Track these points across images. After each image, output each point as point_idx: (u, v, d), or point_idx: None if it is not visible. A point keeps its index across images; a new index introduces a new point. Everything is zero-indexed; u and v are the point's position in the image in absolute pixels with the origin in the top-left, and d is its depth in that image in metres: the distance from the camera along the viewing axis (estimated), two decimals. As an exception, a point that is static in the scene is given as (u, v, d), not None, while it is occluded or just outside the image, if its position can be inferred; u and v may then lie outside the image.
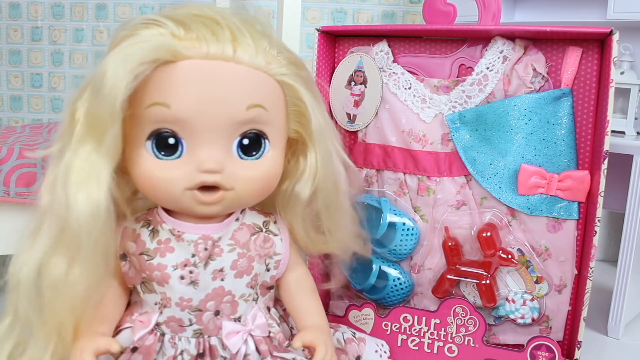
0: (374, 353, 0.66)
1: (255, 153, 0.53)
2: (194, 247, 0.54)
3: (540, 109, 0.68)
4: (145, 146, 0.51)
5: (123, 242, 0.55)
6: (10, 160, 0.77)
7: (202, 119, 0.50)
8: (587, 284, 0.65)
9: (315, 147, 0.56)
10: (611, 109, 0.62)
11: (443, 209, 0.73)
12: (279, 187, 0.58)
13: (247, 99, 0.51)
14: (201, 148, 0.50)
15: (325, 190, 0.57)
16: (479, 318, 0.68)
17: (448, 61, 0.74)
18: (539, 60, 0.68)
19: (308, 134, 0.56)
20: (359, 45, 0.78)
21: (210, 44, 0.49)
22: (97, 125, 0.47)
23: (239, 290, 0.56)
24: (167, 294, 0.54)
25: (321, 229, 0.60)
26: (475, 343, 0.68)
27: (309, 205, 0.58)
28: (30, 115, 1.36)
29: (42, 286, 0.50)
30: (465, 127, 0.71)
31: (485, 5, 0.70)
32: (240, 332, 0.55)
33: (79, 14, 1.31)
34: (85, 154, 0.48)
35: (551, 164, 0.68)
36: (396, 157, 0.75)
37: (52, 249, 0.49)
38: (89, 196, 0.47)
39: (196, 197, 0.51)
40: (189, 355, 0.54)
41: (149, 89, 0.48)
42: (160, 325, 0.55)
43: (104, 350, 0.51)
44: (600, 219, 0.64)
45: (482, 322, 0.68)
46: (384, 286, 0.75)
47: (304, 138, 0.57)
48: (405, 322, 0.71)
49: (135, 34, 0.49)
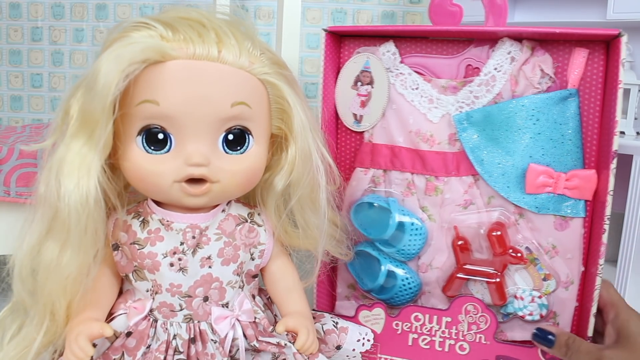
0: (356, 342, 0.67)
1: (239, 148, 0.57)
2: (183, 236, 0.57)
3: (547, 109, 0.69)
4: (135, 141, 0.54)
5: (115, 232, 0.59)
6: (10, 160, 0.77)
7: (189, 116, 0.53)
8: (597, 280, 0.66)
9: (295, 143, 0.59)
10: (620, 110, 0.63)
11: (450, 209, 0.74)
12: (261, 178, 0.61)
13: (232, 97, 0.54)
14: (189, 143, 0.54)
15: (301, 185, 0.60)
16: (490, 315, 0.69)
17: (455, 62, 0.75)
18: (546, 61, 0.69)
19: (290, 130, 0.59)
20: (365, 45, 0.78)
21: (197, 45, 0.53)
22: (90, 121, 0.50)
23: (226, 277, 0.59)
24: (157, 280, 0.57)
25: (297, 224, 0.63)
26: (487, 340, 0.69)
27: (282, 196, 0.61)
28: (30, 115, 1.36)
29: (36, 269, 0.54)
30: (473, 127, 0.72)
31: (492, 6, 0.70)
32: (228, 317, 0.59)
33: (79, 14, 1.30)
34: (78, 148, 0.51)
35: (558, 163, 0.69)
36: (404, 158, 0.75)
37: (45, 234, 0.54)
38: (79, 185, 0.51)
39: (184, 189, 0.55)
40: (182, 339, 0.58)
41: (139, 87, 0.52)
42: (153, 312, 0.58)
43: (97, 334, 0.54)
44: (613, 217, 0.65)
45: (493, 320, 0.69)
46: (392, 286, 0.76)
47: (286, 134, 0.60)
48: (416, 321, 0.72)
49: (126, 35, 0.53)
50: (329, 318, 0.69)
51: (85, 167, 0.51)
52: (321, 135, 0.62)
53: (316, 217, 0.62)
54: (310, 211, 0.62)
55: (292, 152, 0.59)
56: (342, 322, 0.68)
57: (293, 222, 0.63)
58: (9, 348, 0.56)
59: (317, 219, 0.62)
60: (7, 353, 0.56)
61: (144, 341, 0.57)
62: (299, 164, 0.59)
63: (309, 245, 0.64)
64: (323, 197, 0.61)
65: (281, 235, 0.63)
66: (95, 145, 0.51)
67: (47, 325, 0.55)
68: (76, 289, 0.54)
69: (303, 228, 0.63)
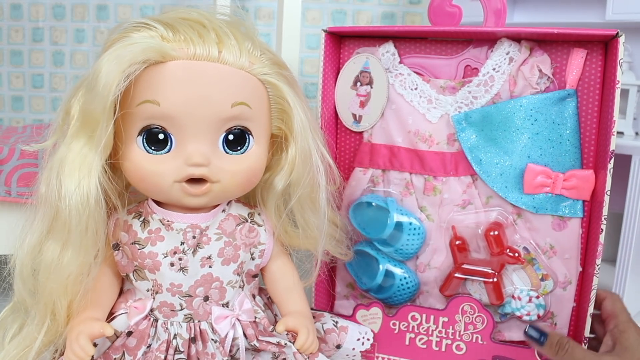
0: (356, 341, 0.68)
1: (240, 148, 0.57)
2: (183, 236, 0.57)
3: (545, 110, 0.69)
4: (136, 141, 0.54)
5: (116, 232, 0.59)
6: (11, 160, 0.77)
7: (190, 116, 0.53)
8: (594, 280, 0.66)
9: (295, 143, 0.59)
10: (617, 110, 0.63)
11: (449, 209, 0.74)
12: (261, 178, 0.61)
13: (232, 97, 0.54)
14: (189, 143, 0.54)
15: (301, 185, 0.60)
16: (487, 315, 0.69)
17: (454, 62, 0.75)
18: (544, 62, 0.69)
19: (290, 131, 0.60)
20: (364, 46, 0.78)
21: (197, 46, 0.53)
22: (90, 121, 0.51)
23: (227, 277, 0.60)
24: (158, 280, 0.58)
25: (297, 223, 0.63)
26: (484, 340, 0.69)
27: (282, 196, 0.61)
28: (31, 116, 1.36)
29: (37, 268, 0.54)
30: (472, 128, 0.72)
31: (491, 7, 0.71)
32: (229, 317, 0.59)
33: (80, 14, 1.31)
34: (78, 148, 0.52)
35: (556, 163, 0.69)
36: (402, 158, 0.75)
37: (46, 234, 0.54)
38: (80, 185, 0.51)
39: (184, 189, 0.55)
40: (182, 339, 0.58)
41: (140, 87, 0.52)
42: (153, 311, 0.59)
43: (98, 334, 0.54)
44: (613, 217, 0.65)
45: (490, 320, 0.69)
46: (390, 285, 0.76)
47: (287, 134, 0.60)
48: (413, 320, 0.72)
49: (126, 36, 0.53)
50: (329, 317, 0.69)
51: (86, 167, 0.51)
52: (321, 136, 0.62)
53: (316, 217, 0.62)
54: (310, 211, 0.62)
55: (292, 152, 0.59)
56: (342, 322, 0.69)
57: (293, 222, 0.63)
58: (10, 347, 0.56)
59: (317, 219, 0.62)
60: (8, 352, 0.56)
61: (144, 341, 0.57)
62: (299, 164, 0.59)
63: (309, 245, 0.65)
64: (323, 197, 0.61)
65: (281, 235, 0.63)
66: (96, 146, 0.51)
67: (48, 325, 0.55)
68: (77, 289, 0.54)
69: (303, 228, 0.63)
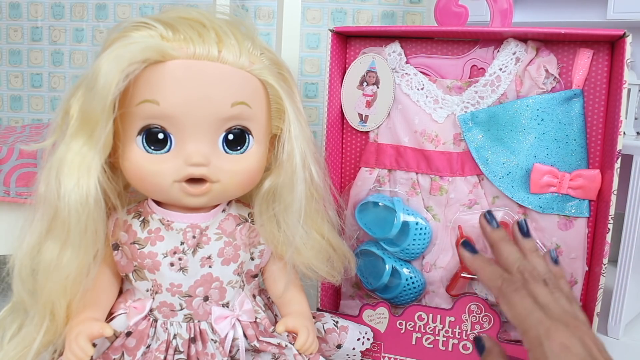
0: (356, 341, 0.68)
1: (239, 148, 0.57)
2: (183, 235, 0.57)
3: (552, 110, 0.69)
4: (136, 141, 0.54)
5: (115, 232, 0.59)
6: (10, 160, 0.76)
7: (190, 116, 0.53)
8: (601, 279, 0.66)
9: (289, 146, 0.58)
10: (624, 110, 0.64)
11: (455, 208, 0.74)
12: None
13: (232, 96, 0.54)
14: (189, 143, 0.54)
15: (286, 189, 0.59)
16: (494, 315, 0.69)
17: (460, 62, 0.75)
18: (551, 62, 0.70)
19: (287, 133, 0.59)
20: (370, 46, 0.78)
21: (197, 45, 0.52)
22: (90, 120, 0.50)
23: (227, 277, 0.59)
24: (157, 280, 0.58)
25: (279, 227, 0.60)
26: (492, 340, 0.69)
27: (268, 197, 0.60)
28: (30, 115, 1.35)
29: (36, 269, 0.54)
30: (478, 128, 0.72)
31: (497, 7, 0.71)
32: (229, 317, 0.59)
33: (79, 14, 1.30)
34: (78, 147, 0.51)
35: (563, 163, 0.70)
36: (409, 157, 0.75)
37: (45, 234, 0.54)
38: (79, 185, 0.51)
39: (184, 189, 0.55)
40: (182, 339, 0.58)
41: (140, 87, 0.52)
42: (153, 311, 0.59)
43: (97, 334, 0.54)
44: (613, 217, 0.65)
45: (497, 319, 0.69)
46: (396, 285, 0.76)
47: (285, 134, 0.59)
48: (419, 320, 0.72)
49: (126, 35, 0.53)
50: (329, 317, 0.69)
51: (85, 167, 0.51)
52: (313, 140, 0.61)
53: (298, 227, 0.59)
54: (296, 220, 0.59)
55: (284, 155, 0.59)
56: (342, 321, 0.69)
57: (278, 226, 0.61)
58: (9, 348, 0.56)
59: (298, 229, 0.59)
60: (7, 353, 0.56)
61: (143, 341, 0.57)
62: (286, 167, 0.58)
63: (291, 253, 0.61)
64: (310, 204, 0.60)
65: (270, 241, 0.61)
66: (95, 145, 0.51)
67: (47, 325, 0.55)
68: (76, 289, 0.54)
69: (286, 234, 0.60)
